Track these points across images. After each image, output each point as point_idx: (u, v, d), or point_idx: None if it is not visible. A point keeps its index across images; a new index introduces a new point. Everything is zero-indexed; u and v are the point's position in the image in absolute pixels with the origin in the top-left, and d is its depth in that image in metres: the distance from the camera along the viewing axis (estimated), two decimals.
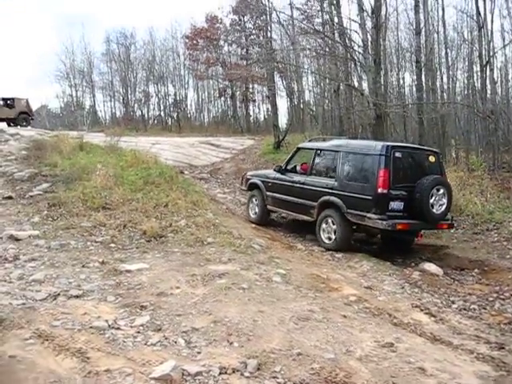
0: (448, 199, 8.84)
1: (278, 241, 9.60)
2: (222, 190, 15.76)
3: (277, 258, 7.75)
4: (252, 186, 11.78)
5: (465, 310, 6.37)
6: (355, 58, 17.06)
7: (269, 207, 11.17)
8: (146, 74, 44.72)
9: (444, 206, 8.79)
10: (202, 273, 6.45)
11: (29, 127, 26.41)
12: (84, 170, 11.28)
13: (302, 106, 31.50)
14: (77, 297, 5.44)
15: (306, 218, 9.99)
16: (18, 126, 24.38)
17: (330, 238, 9.24)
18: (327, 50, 18.60)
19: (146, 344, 4.34)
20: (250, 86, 40.17)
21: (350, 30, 17.81)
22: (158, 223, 8.77)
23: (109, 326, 4.66)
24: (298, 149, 11.20)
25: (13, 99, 25.26)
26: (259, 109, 43.50)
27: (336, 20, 18.18)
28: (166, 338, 4.47)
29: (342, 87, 20.63)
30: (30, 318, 4.58)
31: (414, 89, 20.73)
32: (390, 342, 4.74)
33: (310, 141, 11.82)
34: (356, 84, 19.78)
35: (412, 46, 21.74)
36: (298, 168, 10.73)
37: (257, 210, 11.45)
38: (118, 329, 4.63)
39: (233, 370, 3.94)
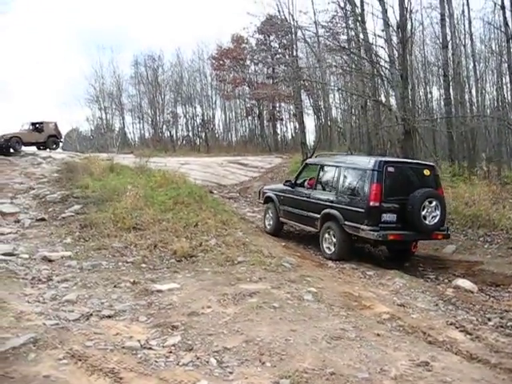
0: (441, 211, 9.17)
1: (308, 259, 9.54)
2: (251, 208, 15.76)
3: (308, 276, 7.68)
4: (267, 200, 12.42)
5: (502, 327, 6.18)
6: (382, 73, 17.03)
7: (281, 219, 11.71)
8: (173, 95, 45.28)
9: (437, 218, 9.14)
10: (233, 292, 6.45)
11: (59, 150, 26.85)
12: (114, 191, 11.45)
13: (329, 123, 31.49)
14: (109, 317, 5.49)
15: (311, 229, 10.60)
16: (48, 150, 24.81)
17: (330, 249, 9.69)
18: (353, 66, 18.57)
19: (177, 364, 4.34)
20: (277, 105, 40.32)
21: (376, 46, 17.82)
22: (188, 243, 8.82)
23: (141, 346, 4.68)
24: (306, 164, 11.91)
25: (42, 123, 25.53)
26: (286, 127, 43.59)
27: (361, 36, 18.20)
28: (197, 358, 4.45)
29: (369, 103, 20.53)
30: (63, 338, 4.63)
31: (442, 103, 20.54)
32: (425, 360, 4.62)
33: (316, 157, 12.59)
34: (383, 100, 19.69)
35: (439, 60, 21.66)
36: (306, 183, 11.16)
37: (271, 222, 12.05)
38: (150, 349, 4.64)
39: None
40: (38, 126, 25.52)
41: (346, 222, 9.27)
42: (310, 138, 34.99)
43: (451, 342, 5.31)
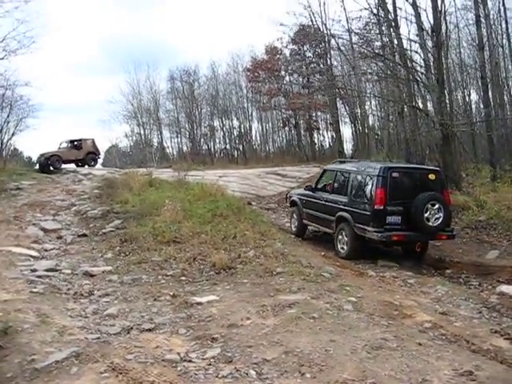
0: (444, 213, 9.65)
1: (347, 268, 9.43)
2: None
3: (347, 285, 7.60)
4: (292, 203, 13.27)
5: None
6: (418, 78, 16.82)
7: (304, 221, 12.46)
8: (210, 108, 45.57)
9: (440, 219, 9.65)
10: (272, 303, 6.43)
11: (99, 166, 27.33)
12: (153, 206, 11.62)
13: (366, 130, 31.22)
14: (149, 330, 5.56)
15: (328, 230, 11.22)
16: (87, 166, 25.32)
17: (343, 248, 10.39)
18: (389, 72, 18.44)
19: (217, 376, 4.35)
20: (313, 114, 40.01)
21: (411, 51, 17.67)
22: (226, 255, 8.86)
23: (181, 358, 4.72)
24: (325, 170, 12.62)
25: (80, 140, 25.95)
26: (323, 136, 43.17)
27: (395, 42, 18.05)
28: (237, 370, 4.45)
29: (406, 109, 20.32)
30: (104, 351, 4.71)
31: (481, 105, 20.18)
32: (468, 370, 4.50)
33: (333, 163, 13.22)
34: (420, 105, 19.42)
35: (476, 62, 21.29)
36: (326, 187, 11.78)
37: (296, 224, 12.85)
38: (190, 361, 4.67)
39: None
40: (76, 143, 25.99)
41: (356, 224, 9.96)
42: (348, 146, 34.86)
43: (496, 350, 5.17)
